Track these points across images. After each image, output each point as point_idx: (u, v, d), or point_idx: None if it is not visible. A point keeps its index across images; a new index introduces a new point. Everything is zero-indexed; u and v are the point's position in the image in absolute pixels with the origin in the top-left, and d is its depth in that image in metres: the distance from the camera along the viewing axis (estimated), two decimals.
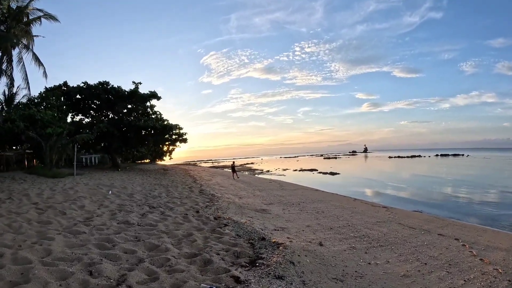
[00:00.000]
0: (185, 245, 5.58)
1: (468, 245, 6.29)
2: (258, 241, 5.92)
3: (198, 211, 8.89)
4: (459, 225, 8.92)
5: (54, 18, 20.08)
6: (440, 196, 16.72)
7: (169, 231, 6.52)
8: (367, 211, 10.81)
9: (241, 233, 6.53)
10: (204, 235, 6.35)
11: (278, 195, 14.71)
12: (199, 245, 5.58)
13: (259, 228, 7.01)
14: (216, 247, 5.45)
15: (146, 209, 8.90)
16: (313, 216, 9.45)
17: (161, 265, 4.48)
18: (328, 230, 7.48)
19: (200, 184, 16.78)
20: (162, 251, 5.16)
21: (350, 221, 8.70)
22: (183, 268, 4.31)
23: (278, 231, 7.03)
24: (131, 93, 23.58)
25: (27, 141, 18.15)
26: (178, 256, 4.87)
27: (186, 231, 6.57)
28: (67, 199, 9.85)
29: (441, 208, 12.98)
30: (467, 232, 7.72)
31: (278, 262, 4.61)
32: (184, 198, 11.22)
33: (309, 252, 5.37)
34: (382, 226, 8.12)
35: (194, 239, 5.93)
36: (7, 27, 18.23)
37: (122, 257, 4.71)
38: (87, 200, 9.77)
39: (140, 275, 3.99)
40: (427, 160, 64.61)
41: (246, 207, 10.31)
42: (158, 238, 5.94)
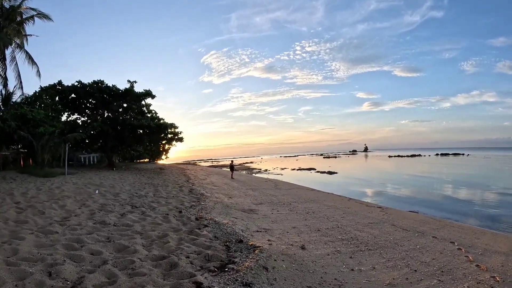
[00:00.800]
0: (156, 246, 5.27)
1: (464, 249, 5.80)
2: (235, 244, 5.51)
3: (181, 211, 8.49)
4: (456, 226, 8.43)
5: (47, 17, 19.84)
6: (438, 196, 16.23)
7: (144, 232, 6.19)
8: (360, 211, 10.32)
9: (219, 235, 6.11)
10: (180, 236, 5.98)
11: (271, 194, 14.24)
12: (171, 247, 5.23)
13: (240, 229, 6.56)
14: (188, 249, 5.10)
15: (128, 209, 8.54)
16: (302, 216, 8.98)
17: (124, 267, 4.22)
18: (314, 232, 7.01)
19: (192, 183, 16.35)
20: (130, 252, 4.87)
21: (340, 222, 8.22)
22: (146, 271, 4.03)
23: (260, 233, 6.57)
24: (125, 92, 23.19)
25: (19, 141, 17.76)
26: (145, 259, 4.58)
27: (162, 232, 6.22)
28: (51, 198, 9.53)
29: (438, 209, 12.51)
30: (464, 235, 7.22)
31: (249, 267, 4.17)
32: (170, 197, 10.80)
33: (287, 256, 4.91)
34: (374, 228, 7.63)
35: (168, 240, 5.59)
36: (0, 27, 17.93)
37: (86, 258, 4.51)
38: (70, 200, 9.41)
39: (98, 278, 3.81)
40: (427, 159, 63.87)
41: (234, 207, 9.86)
42: (130, 239, 5.63)
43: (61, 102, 23.01)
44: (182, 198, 10.93)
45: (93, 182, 13.77)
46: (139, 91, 24.02)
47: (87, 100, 23.54)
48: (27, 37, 20.62)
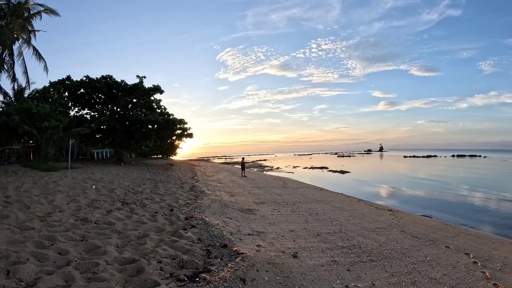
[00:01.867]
0: (130, 248, 4.82)
1: (481, 262, 4.98)
2: (218, 249, 4.97)
3: (172, 209, 8.03)
4: (472, 234, 7.51)
5: (54, 13, 19.94)
6: (453, 199, 15.06)
7: (123, 231, 5.76)
8: (368, 214, 9.52)
9: (204, 237, 5.59)
10: (161, 237, 5.51)
11: (276, 193, 13.58)
12: (146, 249, 4.76)
13: (229, 232, 5.98)
14: (164, 252, 4.62)
15: (117, 206, 8.19)
16: (304, 218, 8.29)
17: (86, 270, 3.87)
18: (313, 237, 6.32)
19: (196, 180, 15.92)
20: (99, 254, 4.47)
21: (344, 227, 7.48)
22: (107, 276, 3.64)
23: (251, 236, 5.96)
24: (133, 87, 23.03)
25: (24, 135, 17.85)
26: (112, 262, 4.16)
27: (143, 232, 5.78)
28: (43, 193, 9.31)
29: (453, 213, 11.51)
30: (481, 245, 6.34)
31: (223, 278, 3.59)
32: (167, 194, 10.35)
33: (274, 266, 4.29)
34: (380, 234, 6.85)
35: (145, 241, 5.14)
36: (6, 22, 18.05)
37: (51, 258, 4.18)
38: (61, 195, 9.13)
39: (54, 280, 3.49)
40: (442, 160, 61.54)
41: (232, 206, 9.28)
42: (106, 238, 5.24)
43: (70, 97, 23.12)
44: (180, 195, 10.46)
45: (93, 177, 13.55)
46: (147, 86, 23.79)
47: (95, 95, 23.56)
48: (35, 33, 20.88)
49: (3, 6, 18.29)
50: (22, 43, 19.43)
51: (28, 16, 19.42)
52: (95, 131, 22.58)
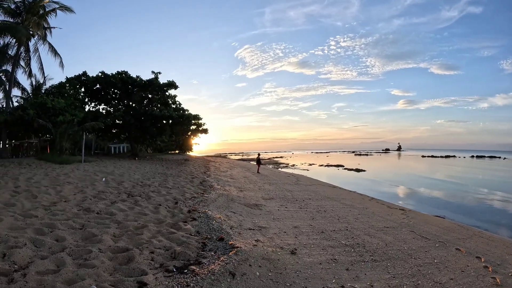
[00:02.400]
0: (126, 238, 4.86)
1: (492, 267, 4.60)
2: (214, 242, 4.91)
3: (177, 202, 8.06)
4: (485, 237, 7.02)
5: (69, 10, 20.51)
6: (469, 201, 14.26)
7: (123, 222, 5.81)
8: (379, 212, 9.15)
9: (203, 230, 5.54)
10: (159, 229, 5.50)
11: (287, 189, 13.37)
12: (142, 239, 4.77)
13: (230, 226, 5.89)
14: (158, 243, 4.61)
15: (123, 197, 8.31)
16: (310, 215, 8.06)
17: (78, 257, 3.96)
18: (317, 234, 6.10)
19: (208, 175, 15.96)
20: (94, 242, 4.54)
21: (351, 225, 7.20)
22: (97, 263, 3.69)
23: (251, 231, 5.83)
24: (148, 83, 23.34)
25: (39, 129, 18.48)
26: (105, 250, 4.22)
27: (142, 223, 5.79)
28: (52, 184, 9.60)
29: (468, 215, 10.90)
30: (494, 248, 5.90)
31: (212, 271, 3.50)
32: (175, 188, 10.42)
33: (268, 261, 4.14)
34: (388, 233, 6.53)
35: (143, 232, 5.16)
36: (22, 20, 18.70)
37: (47, 244, 4.33)
38: (70, 186, 9.37)
39: (46, 265, 3.59)
40: (461, 161, 59.30)
41: (239, 201, 9.19)
42: (105, 228, 5.30)
43: (86, 92, 23.75)
44: (188, 189, 10.50)
45: (105, 170, 13.85)
46: (162, 82, 24.05)
47: (111, 90, 24.07)
48: (50, 30, 21.56)
49: (19, 4, 18.98)
50: (37, 39, 20.15)
51: (43, 13, 20.05)
52: (110, 126, 23.08)
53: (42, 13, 19.99)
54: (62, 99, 19.86)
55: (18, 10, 19.19)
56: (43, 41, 20.48)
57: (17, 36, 17.57)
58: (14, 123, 17.64)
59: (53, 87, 23.41)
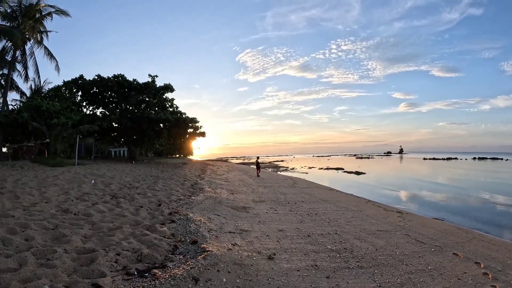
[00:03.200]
0: (96, 239, 4.68)
1: (492, 274, 4.20)
2: (186, 245, 4.68)
3: (160, 204, 7.82)
4: (486, 240, 6.61)
5: (65, 13, 20.53)
6: (470, 203, 13.86)
7: (98, 223, 5.60)
8: (374, 215, 8.75)
9: (179, 233, 5.30)
10: (134, 230, 5.26)
11: (281, 192, 12.99)
12: (112, 241, 4.56)
13: (208, 228, 5.57)
14: (128, 245, 4.39)
15: (106, 199, 8.15)
16: (300, 218, 7.68)
17: (42, 256, 3.85)
18: (302, 238, 5.72)
19: (202, 178, 15.63)
20: (63, 242, 4.41)
21: (342, 228, 6.80)
22: (58, 264, 3.56)
23: (231, 234, 5.47)
24: (144, 86, 23.17)
25: (34, 132, 18.29)
26: (71, 250, 4.07)
27: (118, 225, 5.56)
28: (39, 185, 9.45)
29: (469, 217, 10.50)
30: (495, 252, 5.48)
31: (174, 276, 3.22)
32: (163, 190, 10.13)
33: (240, 267, 3.79)
34: (380, 237, 6.13)
35: (115, 233, 4.96)
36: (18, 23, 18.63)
37: (15, 243, 4.25)
38: (56, 188, 9.17)
39: (9, 263, 3.51)
40: (463, 163, 59.09)
41: (226, 203, 8.83)
42: (77, 228, 5.13)
43: (84, 95, 23.62)
44: (176, 191, 10.22)
45: (96, 172, 13.60)
46: (159, 85, 23.85)
47: (108, 93, 23.90)
48: (47, 33, 21.59)
49: (15, 8, 18.96)
50: (33, 43, 20.12)
51: (39, 17, 20.00)
52: (107, 129, 22.85)
53: (38, 17, 19.93)
54: (57, 102, 19.68)
55: (14, 14, 19.15)
56: (39, 44, 20.47)
57: (12, 40, 17.49)
58: (9, 125, 17.49)
59: (49, 90, 23.34)
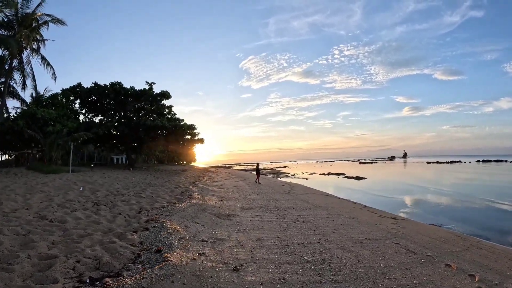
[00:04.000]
0: (62, 246, 4.66)
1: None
2: (150, 253, 4.51)
3: (140, 211, 7.75)
4: (485, 248, 6.19)
5: (61, 22, 20.82)
6: (471, 207, 13.31)
7: (70, 230, 5.57)
8: (366, 222, 8.39)
9: (148, 241, 5.15)
10: (103, 238, 5.17)
11: (274, 199, 12.68)
12: (77, 248, 4.53)
13: (179, 237, 5.46)
14: (91, 252, 4.35)
15: (87, 206, 8.00)
16: (284, 226, 7.37)
17: (5, 261, 3.95)
18: (279, 248, 5.41)
19: (195, 185, 15.42)
20: (29, 248, 4.43)
21: (327, 236, 6.47)
22: (17, 268, 3.62)
23: (203, 243, 5.27)
24: (139, 93, 23.15)
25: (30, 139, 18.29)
26: (34, 256, 4.09)
27: (90, 232, 5.47)
28: (26, 192, 9.63)
29: (469, 222, 10.05)
30: (494, 262, 5.07)
31: (122, 286, 3.12)
32: (149, 197, 10.14)
33: (198, 278, 3.61)
34: (367, 247, 5.76)
35: (83, 240, 4.92)
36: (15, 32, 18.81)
37: None
38: (41, 194, 9.34)
39: None
40: (467, 166, 58.49)
41: (211, 210, 8.61)
42: (48, 235, 5.13)
43: (82, 103, 23.69)
44: (162, 198, 10.10)
45: (88, 180, 13.52)
46: (155, 92, 23.81)
47: (105, 101, 23.92)
48: (44, 42, 21.82)
49: (11, 18, 19.16)
50: (30, 52, 20.30)
51: (36, 26, 20.18)
52: (103, 136, 22.77)
53: (34, 26, 20.11)
54: (53, 110, 19.70)
55: (10, 24, 19.36)
56: (36, 53, 20.66)
57: (9, 49, 17.64)
58: (5, 133, 17.52)
59: (46, 98, 23.46)
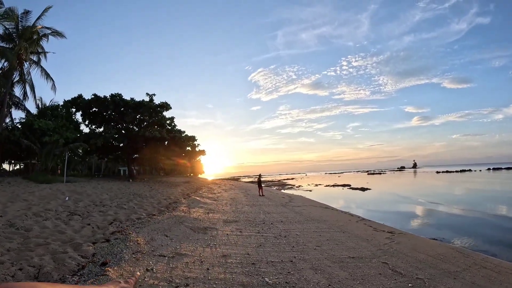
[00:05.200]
0: (15, 253, 4.68)
1: None
2: (95, 266, 4.33)
3: (112, 222, 7.61)
4: (490, 266, 5.48)
5: (61, 35, 21.27)
6: (479, 219, 12.25)
7: (31, 238, 5.56)
8: (358, 236, 7.80)
9: (102, 253, 5.00)
10: (59, 247, 5.07)
11: (266, 211, 12.27)
12: (28, 256, 4.51)
13: (136, 250, 5.39)
14: (38, 261, 4.30)
15: (61, 216, 7.92)
16: (261, 241, 6.95)
17: None
18: (241, 267, 4.99)
19: (188, 197, 15.23)
20: None
21: (305, 254, 5.91)
22: None
23: (158, 258, 5.17)
24: (138, 104, 23.27)
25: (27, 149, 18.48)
26: None
27: (50, 241, 5.42)
28: (8, 200, 9.58)
29: (475, 236, 9.13)
30: (498, 285, 4.38)
31: None
32: (129, 208, 10.22)
33: None
34: (346, 267, 5.10)
35: (36, 249, 4.89)
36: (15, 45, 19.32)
37: None
38: (23, 203, 9.51)
39: None
40: (477, 174, 56.66)
41: (188, 223, 8.47)
42: (7, 242, 5.16)
43: (84, 114, 23.99)
44: (144, 210, 10.23)
45: (77, 190, 13.72)
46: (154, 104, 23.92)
47: (105, 112, 24.13)
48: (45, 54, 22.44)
49: (11, 30, 19.71)
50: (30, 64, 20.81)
51: (36, 38, 20.73)
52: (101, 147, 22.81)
53: (35, 38, 20.66)
54: (50, 121, 19.94)
55: (11, 36, 19.92)
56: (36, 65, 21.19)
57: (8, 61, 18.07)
58: (3, 143, 17.77)
59: (46, 109, 23.86)
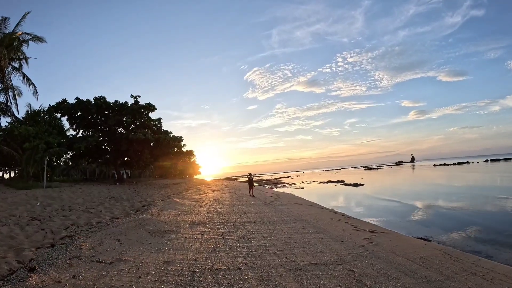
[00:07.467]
0: None
1: None
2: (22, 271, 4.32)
3: (68, 227, 7.48)
4: (481, 271, 4.69)
5: (41, 40, 21.05)
6: (474, 213, 11.25)
7: None
8: (334, 237, 7.33)
9: (40, 258, 4.98)
10: None
11: (244, 211, 12.18)
12: None
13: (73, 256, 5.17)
14: None
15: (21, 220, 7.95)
16: (219, 245, 6.69)
17: None
18: (179, 276, 4.64)
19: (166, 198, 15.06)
20: None
21: (260, 261, 5.45)
22: None
23: (95, 264, 5.14)
24: (120, 106, 22.91)
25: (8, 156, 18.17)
26: None
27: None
28: None
29: (467, 232, 8.41)
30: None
31: None
32: (94, 213, 9.97)
33: None
34: (303, 277, 4.55)
35: None
36: None
37: None
38: None
39: None
40: (474, 166, 56.66)
41: (149, 226, 8.47)
42: None
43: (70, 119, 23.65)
44: (110, 213, 10.21)
45: (52, 195, 13.91)
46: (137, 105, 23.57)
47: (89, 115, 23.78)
48: (27, 60, 21.99)
49: None
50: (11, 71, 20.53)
51: (16, 44, 20.40)
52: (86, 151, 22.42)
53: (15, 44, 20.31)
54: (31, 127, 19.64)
55: None
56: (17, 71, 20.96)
57: None
58: None
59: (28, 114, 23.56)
